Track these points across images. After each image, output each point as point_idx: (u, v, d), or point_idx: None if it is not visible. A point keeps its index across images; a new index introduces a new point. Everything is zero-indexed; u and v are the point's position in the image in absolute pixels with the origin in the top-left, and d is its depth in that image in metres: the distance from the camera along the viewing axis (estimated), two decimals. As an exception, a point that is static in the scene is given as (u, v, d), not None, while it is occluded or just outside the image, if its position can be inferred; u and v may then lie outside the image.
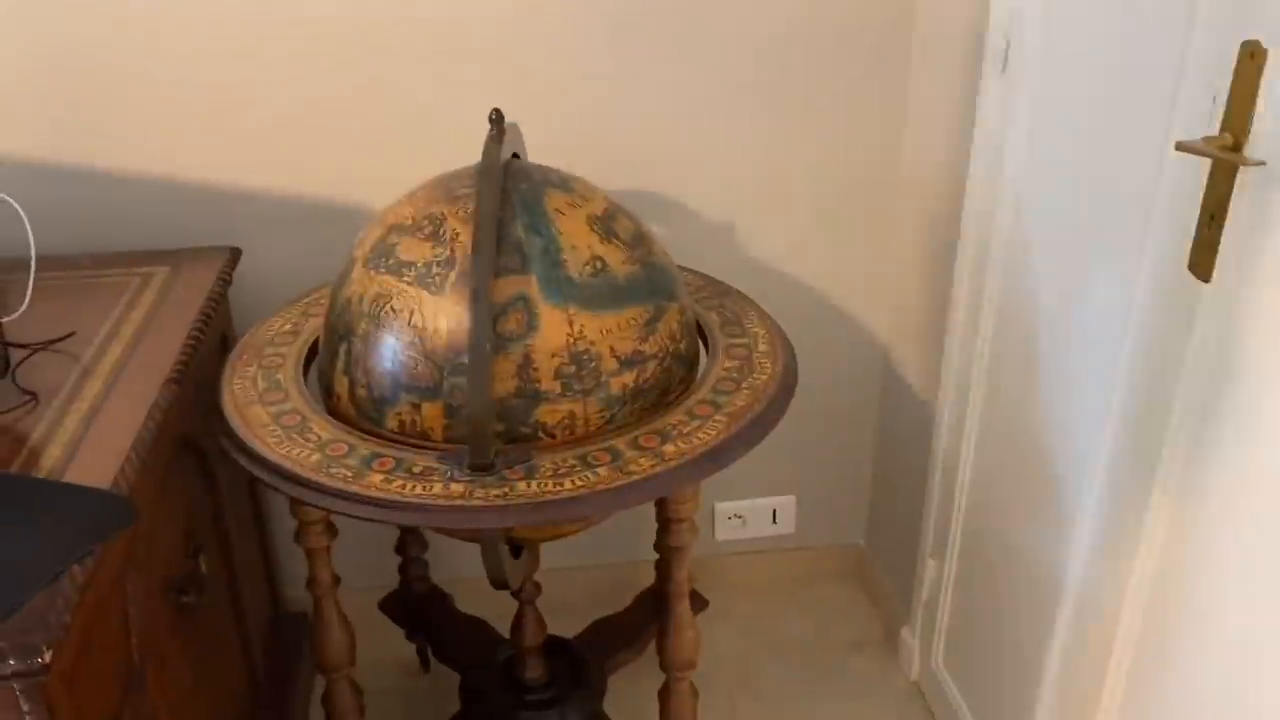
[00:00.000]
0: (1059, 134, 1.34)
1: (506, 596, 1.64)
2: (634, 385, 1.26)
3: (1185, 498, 1.13)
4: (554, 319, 1.21)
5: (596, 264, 1.25)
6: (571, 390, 1.22)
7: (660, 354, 1.29)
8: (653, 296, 1.30)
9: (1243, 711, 1.06)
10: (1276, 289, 0.97)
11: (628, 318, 1.26)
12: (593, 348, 1.23)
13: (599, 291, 1.24)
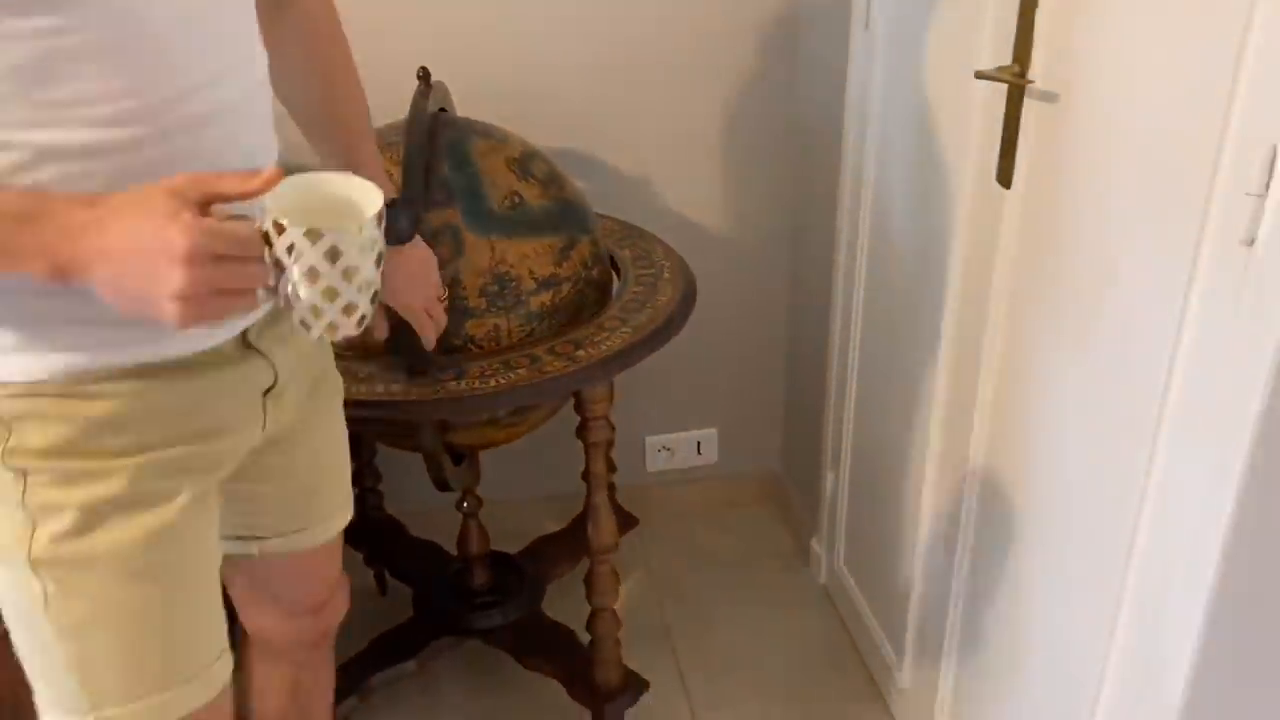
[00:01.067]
0: (903, 79, 1.57)
1: (452, 524, 1.85)
2: (551, 304, 1.47)
3: (1009, 361, 1.35)
4: (478, 245, 1.42)
5: (514, 198, 1.46)
6: (495, 307, 1.43)
7: (574, 278, 1.50)
8: (566, 228, 1.51)
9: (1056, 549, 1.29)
10: (1059, 189, 1.20)
11: (544, 245, 1.47)
12: (513, 270, 1.44)
13: (517, 222, 1.45)
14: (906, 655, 1.75)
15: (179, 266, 0.74)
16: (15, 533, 0.88)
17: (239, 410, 1.00)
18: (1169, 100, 1.00)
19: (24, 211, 0.77)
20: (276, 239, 0.77)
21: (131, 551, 0.91)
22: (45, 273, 0.78)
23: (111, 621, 0.91)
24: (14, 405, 0.87)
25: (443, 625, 1.85)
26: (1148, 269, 1.04)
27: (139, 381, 0.90)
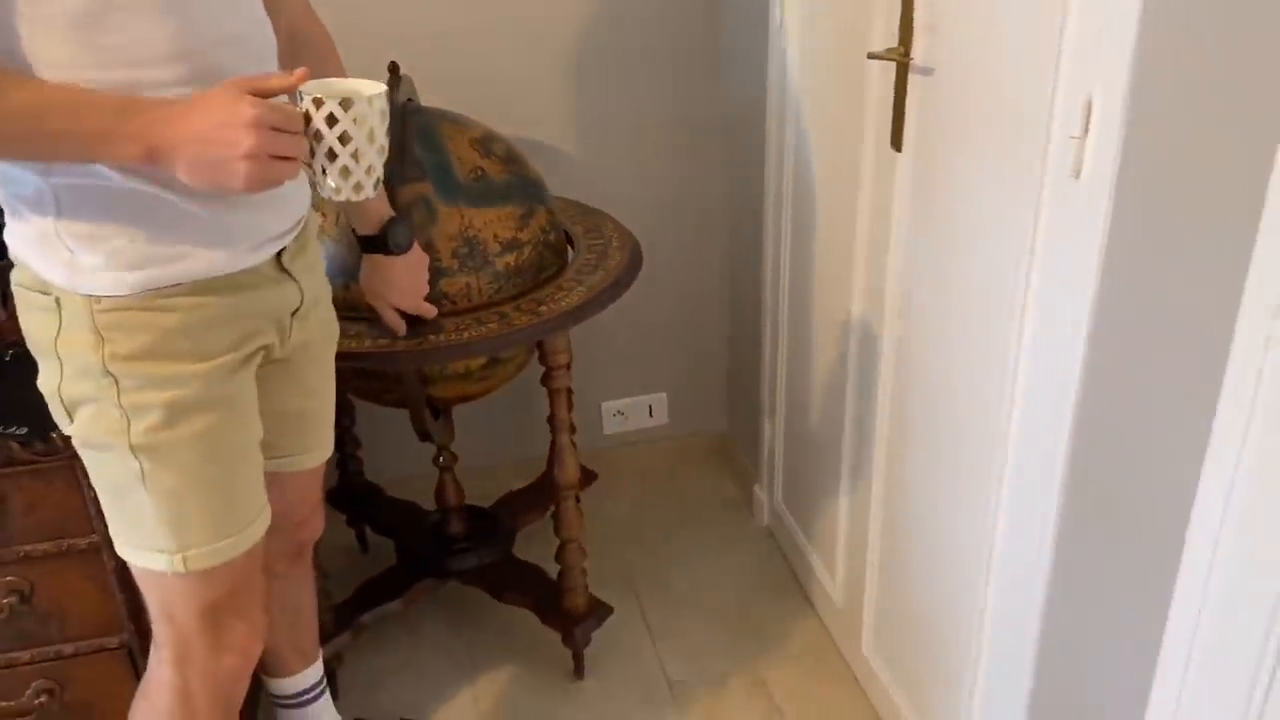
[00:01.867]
0: (812, 63, 1.80)
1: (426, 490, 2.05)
2: (514, 264, 1.68)
3: (907, 299, 1.59)
4: (449, 214, 1.63)
5: (478, 172, 1.67)
6: (466, 267, 1.63)
7: (534, 241, 1.71)
8: (525, 199, 1.72)
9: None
10: (938, 147, 1.43)
11: (506, 213, 1.68)
12: (479, 234, 1.64)
13: (482, 192, 1.66)
14: (837, 574, 1.98)
15: (250, 131, 0.98)
16: (114, 426, 1.11)
17: (272, 325, 1.23)
18: (1014, 66, 1.23)
19: (121, 105, 0.99)
20: (315, 113, 1.03)
21: (205, 436, 1.15)
22: (139, 155, 1.00)
23: (194, 487, 1.15)
24: (105, 318, 1.08)
25: (424, 569, 2.05)
26: (1007, 200, 1.27)
27: (201, 297, 1.12)
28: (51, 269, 1.08)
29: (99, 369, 1.09)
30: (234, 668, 1.29)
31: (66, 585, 1.38)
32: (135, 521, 1.17)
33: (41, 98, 0.98)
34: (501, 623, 2.11)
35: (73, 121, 0.98)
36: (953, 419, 1.49)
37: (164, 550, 1.17)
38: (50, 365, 1.12)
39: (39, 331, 1.12)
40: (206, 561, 1.19)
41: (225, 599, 1.24)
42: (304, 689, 1.67)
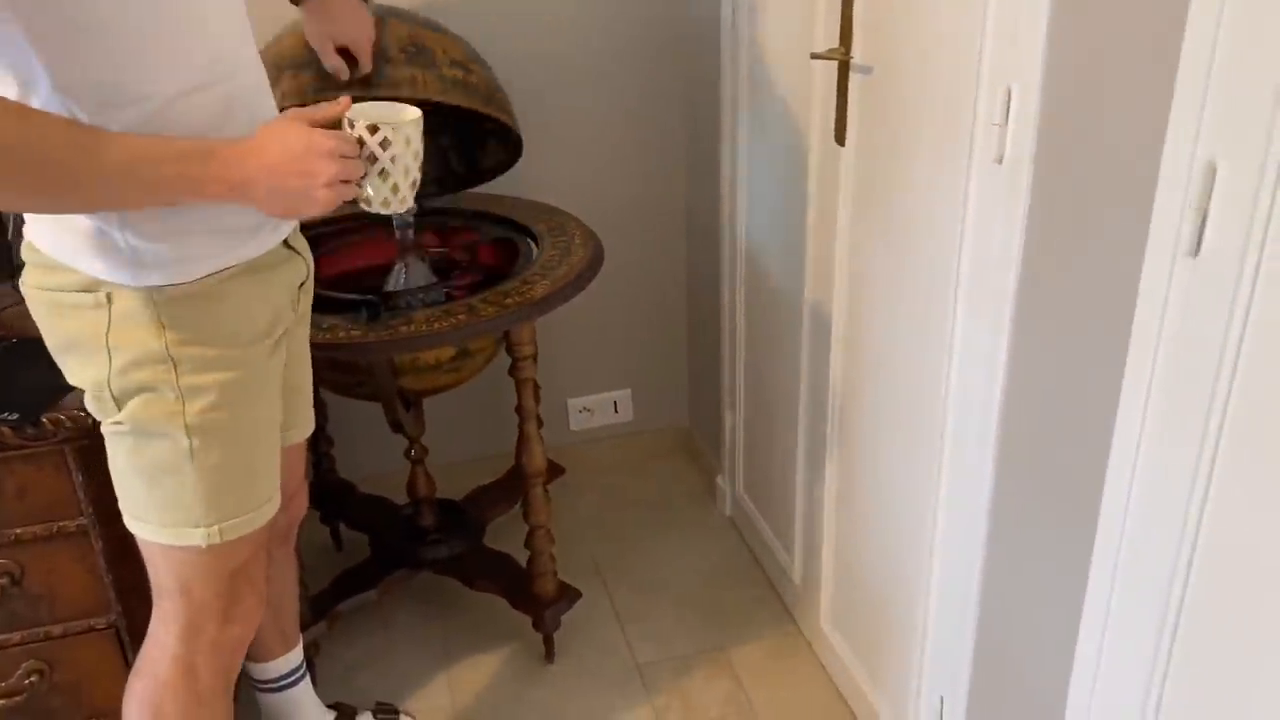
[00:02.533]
0: (763, 65, 1.90)
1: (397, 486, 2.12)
2: (462, 79, 1.82)
3: (854, 286, 1.68)
4: (398, 24, 1.79)
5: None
6: (413, 62, 1.75)
7: (480, 74, 1.89)
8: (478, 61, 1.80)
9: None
10: (877, 139, 1.53)
11: (457, 41, 1.88)
12: (430, 46, 1.79)
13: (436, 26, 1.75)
14: (796, 556, 2.07)
15: (329, 160, 1.12)
16: (170, 408, 1.20)
17: (287, 298, 1.33)
18: (942, 62, 1.33)
19: (200, 150, 1.09)
20: (369, 137, 1.16)
21: (249, 414, 1.26)
22: (221, 193, 1.10)
23: (234, 462, 1.25)
24: (168, 306, 1.17)
25: (397, 560, 2.11)
26: (939, 187, 1.37)
27: (246, 278, 1.23)
28: (111, 268, 1.14)
29: (161, 354, 1.17)
30: (239, 637, 1.37)
31: (56, 568, 1.43)
32: (174, 500, 1.24)
33: (129, 152, 1.05)
34: (474, 610, 2.18)
35: (161, 170, 1.06)
36: (896, 400, 1.58)
37: (200, 525, 1.25)
38: (96, 359, 1.18)
39: (83, 329, 1.18)
40: (237, 532, 1.28)
41: (242, 569, 1.33)
42: (286, 672, 1.73)
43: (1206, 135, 0.91)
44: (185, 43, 1.12)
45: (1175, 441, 1.00)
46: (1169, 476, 1.01)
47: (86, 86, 1.06)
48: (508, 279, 1.79)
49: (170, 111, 1.11)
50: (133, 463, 1.24)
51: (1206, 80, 0.90)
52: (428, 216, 2.07)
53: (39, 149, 0.99)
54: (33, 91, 1.06)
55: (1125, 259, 1.05)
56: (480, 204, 2.15)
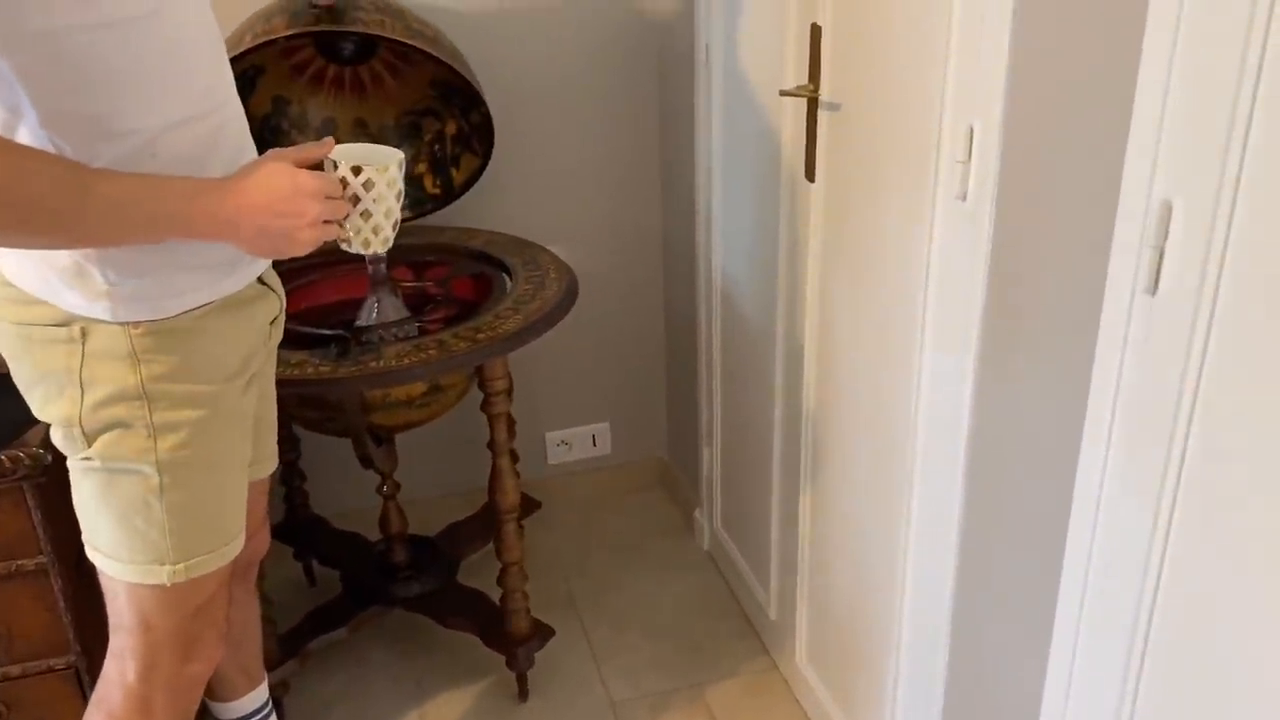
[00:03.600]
0: (734, 100, 1.91)
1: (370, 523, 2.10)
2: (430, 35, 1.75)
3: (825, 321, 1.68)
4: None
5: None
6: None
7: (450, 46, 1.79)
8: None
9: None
10: (845, 176, 1.54)
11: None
12: None
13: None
14: (771, 591, 2.05)
15: (315, 201, 1.12)
16: (142, 445, 1.18)
17: (260, 334, 1.32)
18: (906, 99, 1.33)
19: (188, 189, 1.09)
20: (353, 179, 1.17)
21: (219, 452, 1.25)
22: (208, 232, 1.10)
23: (202, 500, 1.25)
24: (144, 341, 1.16)
25: (369, 597, 2.09)
26: (905, 223, 1.37)
27: (221, 315, 1.22)
28: (88, 302, 1.14)
29: (136, 390, 1.17)
30: (197, 675, 1.35)
31: (15, 606, 1.42)
32: (140, 537, 1.23)
33: (124, 188, 1.05)
34: (447, 648, 2.15)
35: (149, 208, 1.06)
36: (866, 435, 1.58)
37: (165, 562, 1.24)
38: (68, 394, 1.17)
39: (55, 364, 1.16)
40: (202, 570, 1.27)
41: (204, 606, 1.31)
42: (250, 711, 1.71)
43: (1162, 174, 0.91)
44: (171, 74, 1.12)
45: (1137, 476, 1.00)
46: (1132, 511, 1.01)
47: (74, 120, 1.06)
48: (480, 313, 1.79)
49: (159, 145, 1.11)
50: (100, 498, 1.23)
51: (1161, 119, 0.90)
52: (401, 250, 2.07)
53: (23, 186, 0.98)
54: (20, 125, 1.05)
55: (1086, 294, 1.05)
56: (455, 237, 2.15)
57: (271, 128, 2.12)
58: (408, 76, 2.12)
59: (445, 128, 2.16)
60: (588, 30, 2.26)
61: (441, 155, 2.17)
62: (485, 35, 2.19)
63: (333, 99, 2.15)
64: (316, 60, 2.10)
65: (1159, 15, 0.90)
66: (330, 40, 2.05)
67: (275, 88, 2.10)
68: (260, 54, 1.99)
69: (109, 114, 1.07)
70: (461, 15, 2.16)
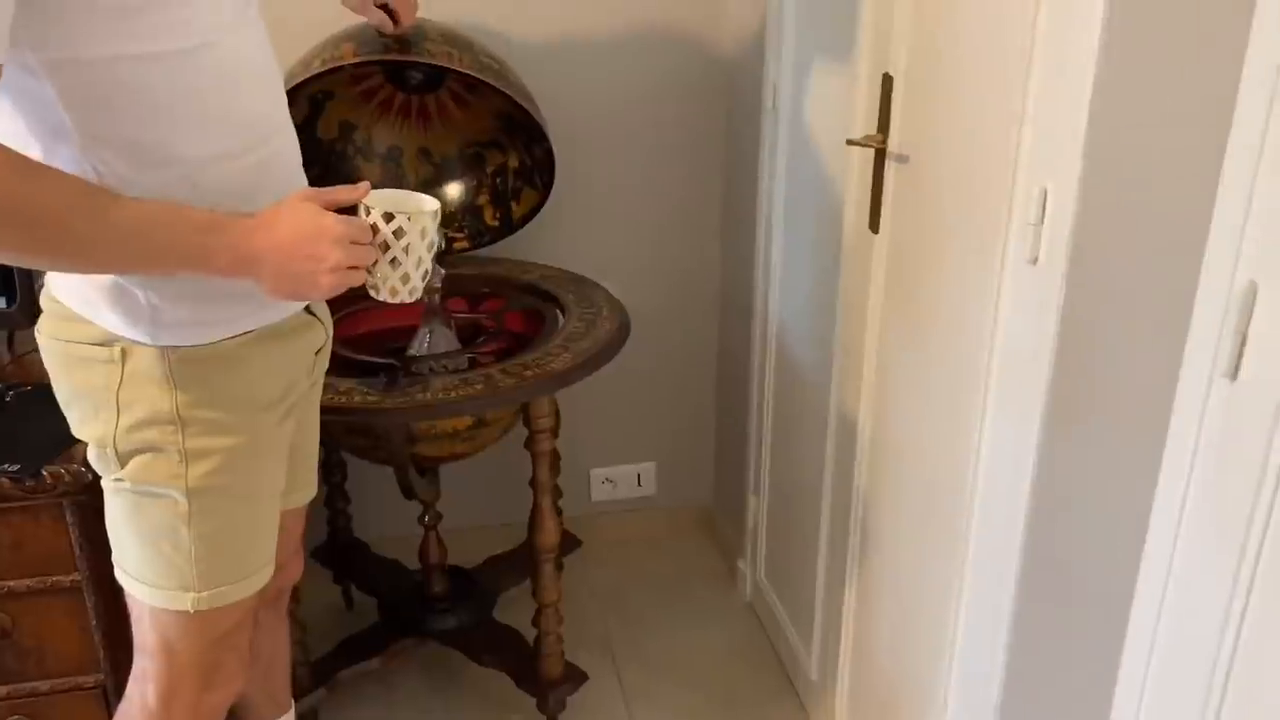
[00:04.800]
0: (800, 146, 1.87)
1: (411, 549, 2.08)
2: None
3: (882, 379, 1.63)
4: None
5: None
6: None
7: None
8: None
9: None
10: (911, 231, 1.49)
11: None
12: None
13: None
14: (813, 651, 1.99)
15: (338, 246, 1.08)
16: (173, 470, 1.17)
17: (303, 364, 1.31)
18: (979, 156, 1.29)
19: (210, 222, 1.06)
20: (384, 225, 1.13)
21: (251, 482, 1.24)
22: (228, 268, 1.07)
23: (232, 529, 1.23)
24: (182, 367, 1.15)
25: (404, 627, 2.07)
26: (971, 283, 1.33)
27: (263, 344, 1.20)
28: (129, 324, 1.13)
29: (170, 415, 1.16)
30: (218, 703, 1.34)
31: (47, 622, 1.41)
32: (166, 562, 1.21)
33: (144, 216, 1.03)
34: (478, 685, 2.12)
35: (168, 237, 1.05)
36: (921, 499, 1.52)
37: (190, 589, 1.23)
38: (104, 415, 1.17)
39: (94, 382, 1.16)
40: (227, 599, 1.25)
41: (227, 634, 1.30)
42: (277, 739, 1.69)
43: (1248, 255, 0.86)
44: (219, 106, 1.11)
45: (1208, 566, 0.94)
46: (1203, 597, 0.95)
47: (114, 146, 1.06)
48: (530, 349, 1.77)
49: (202, 175, 1.11)
50: (129, 520, 1.22)
51: (1249, 199, 0.85)
52: (456, 281, 2.06)
53: (41, 207, 0.98)
54: (61, 148, 1.05)
55: (1160, 371, 1.00)
56: (510, 270, 2.14)
57: (338, 153, 2.13)
58: (474, 108, 2.12)
59: (508, 161, 2.15)
60: (656, 67, 2.24)
61: (503, 188, 2.16)
62: (553, 68, 2.18)
63: (399, 126, 2.16)
64: (385, 87, 2.11)
65: (1254, 81, 0.85)
66: (399, 68, 2.06)
67: (343, 112, 2.11)
68: (329, 78, 2.00)
69: (150, 143, 1.07)
70: (530, 47, 2.16)
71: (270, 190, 1.16)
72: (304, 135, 2.03)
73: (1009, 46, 1.20)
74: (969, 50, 1.30)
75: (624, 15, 2.20)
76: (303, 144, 2.04)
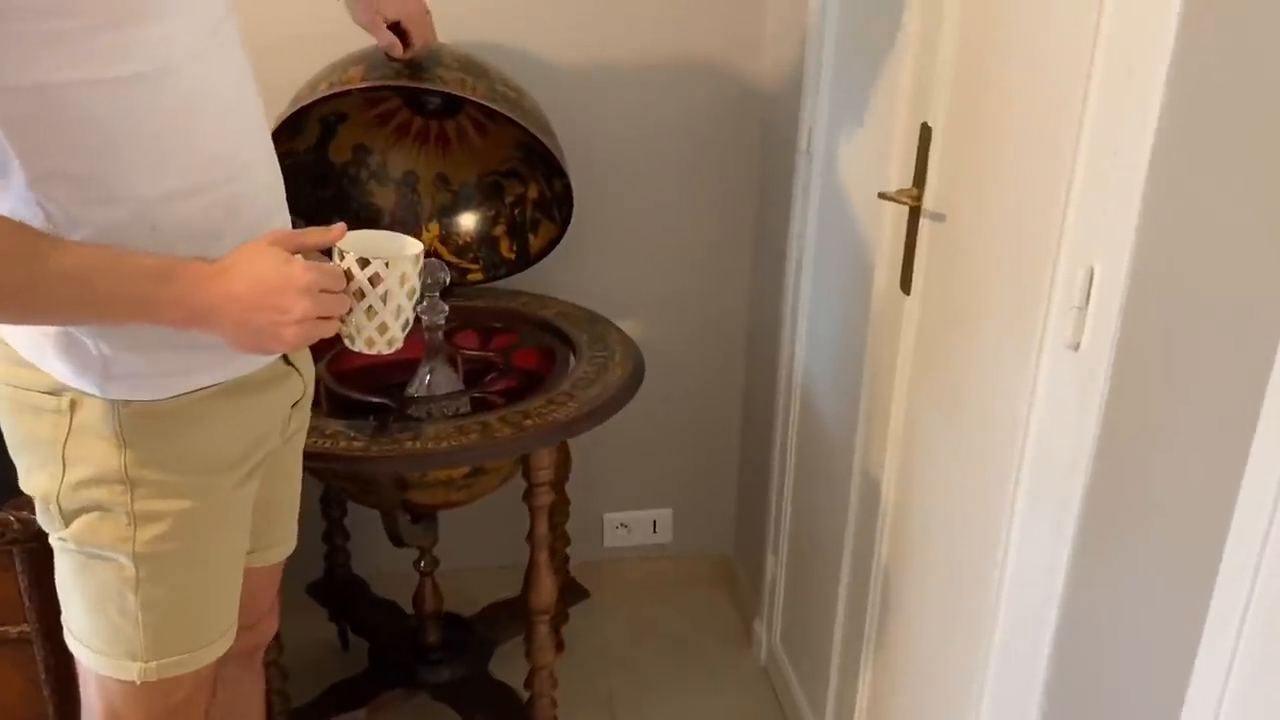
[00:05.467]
0: (833, 197, 1.75)
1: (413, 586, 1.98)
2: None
3: (908, 452, 1.50)
4: None
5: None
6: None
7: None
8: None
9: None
10: (945, 296, 1.37)
11: None
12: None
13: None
14: (826, 726, 1.86)
15: (303, 297, 0.98)
16: (120, 533, 1.08)
17: (276, 420, 1.21)
18: (1021, 224, 1.16)
19: (160, 269, 0.97)
20: (359, 272, 1.03)
21: (205, 548, 1.14)
22: (181, 320, 0.98)
23: (182, 597, 1.14)
24: (132, 422, 1.06)
25: (394, 678, 1.97)
26: (1005, 365, 1.20)
27: (226, 400, 1.11)
28: (78, 374, 1.05)
29: (118, 474, 1.07)
30: None
31: (-6, 674, 1.33)
32: (112, 628, 1.13)
33: (83, 263, 0.94)
34: (468, 742, 2.01)
35: (113, 286, 0.95)
36: (944, 589, 1.39)
37: (137, 658, 1.14)
38: (50, 469, 1.08)
39: (40, 433, 1.08)
40: (177, 670, 1.16)
41: (179, 706, 1.20)
42: (244, 800, 1.59)
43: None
44: (177, 139, 1.02)
45: (1264, 699, 0.80)
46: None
47: (63, 180, 0.97)
48: (533, 396, 1.66)
49: (159, 215, 1.01)
50: (74, 581, 1.13)
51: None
52: (469, 314, 1.96)
53: None
54: (10, 182, 0.97)
55: (1216, 477, 0.87)
56: (527, 304, 2.03)
57: (350, 176, 2.04)
58: (494, 135, 2.02)
59: (527, 191, 2.05)
60: (688, 98, 2.13)
61: (521, 220, 2.06)
62: (579, 95, 2.08)
63: (416, 152, 2.07)
64: (402, 111, 2.02)
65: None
66: (417, 93, 1.97)
67: (358, 135, 2.02)
68: (343, 101, 1.92)
69: (100, 177, 0.97)
70: (555, 72, 2.06)
71: (238, 232, 1.07)
72: (314, 158, 2.01)
73: (1058, 106, 1.07)
74: (1014, 107, 1.18)
75: (656, 43, 2.09)
76: (313, 167, 1.99)
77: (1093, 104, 1.01)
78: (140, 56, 0.96)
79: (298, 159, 1.95)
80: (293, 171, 1.92)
